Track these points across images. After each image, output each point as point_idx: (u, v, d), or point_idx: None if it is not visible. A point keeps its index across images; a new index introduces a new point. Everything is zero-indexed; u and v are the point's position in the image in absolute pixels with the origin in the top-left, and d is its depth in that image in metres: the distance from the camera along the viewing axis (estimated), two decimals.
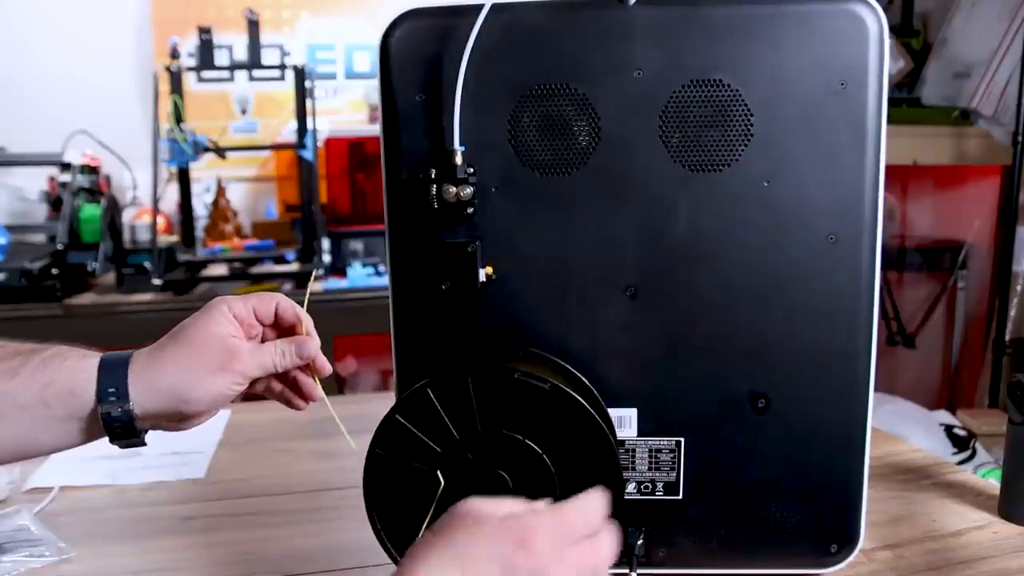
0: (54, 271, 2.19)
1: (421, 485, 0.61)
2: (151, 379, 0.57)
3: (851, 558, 0.71)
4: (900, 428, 1.92)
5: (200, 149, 2.27)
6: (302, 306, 0.65)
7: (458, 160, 0.66)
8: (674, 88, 0.66)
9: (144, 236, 2.53)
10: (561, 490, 0.61)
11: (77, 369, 0.57)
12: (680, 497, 0.71)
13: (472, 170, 0.67)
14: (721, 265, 0.67)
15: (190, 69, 2.40)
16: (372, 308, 2.21)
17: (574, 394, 0.61)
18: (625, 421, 0.70)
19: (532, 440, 0.61)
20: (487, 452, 0.61)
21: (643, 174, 0.67)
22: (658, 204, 0.67)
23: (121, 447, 0.60)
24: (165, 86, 2.28)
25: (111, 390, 0.56)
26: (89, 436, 0.58)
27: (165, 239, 2.49)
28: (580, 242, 0.68)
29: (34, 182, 2.54)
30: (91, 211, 2.29)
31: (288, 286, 2.35)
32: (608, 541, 0.48)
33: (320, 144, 2.46)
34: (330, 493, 0.94)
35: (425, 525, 0.62)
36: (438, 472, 0.61)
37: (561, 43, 0.66)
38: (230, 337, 0.60)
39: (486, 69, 0.66)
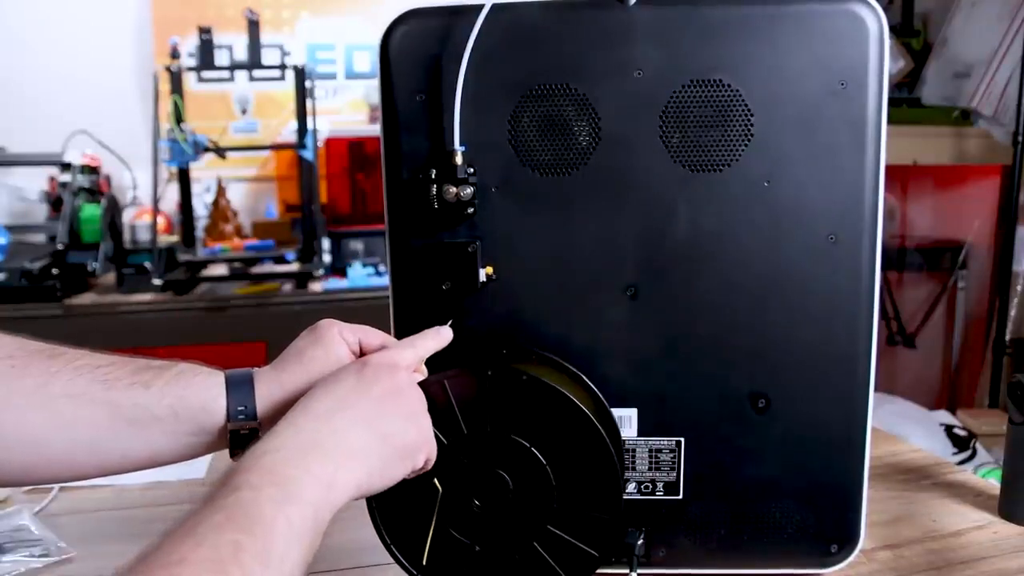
0: (54, 271, 2.19)
1: (423, 483, 0.61)
2: (277, 399, 0.58)
3: (851, 558, 0.71)
4: (900, 428, 1.92)
5: (200, 149, 2.27)
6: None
7: (458, 160, 0.66)
8: (674, 88, 0.66)
9: (144, 236, 2.53)
10: (556, 480, 0.61)
11: (207, 386, 0.58)
12: (680, 497, 0.71)
13: (472, 170, 0.67)
14: (721, 265, 0.67)
15: (190, 69, 2.40)
16: (372, 308, 2.21)
17: (574, 399, 0.61)
18: (625, 421, 0.70)
19: (522, 436, 0.61)
20: (482, 452, 0.61)
21: (643, 174, 0.67)
22: (658, 204, 0.67)
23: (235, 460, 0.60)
24: (165, 86, 2.28)
25: (240, 408, 0.57)
26: (208, 450, 0.59)
27: (165, 239, 2.49)
28: (580, 242, 0.68)
29: (34, 182, 2.54)
30: (91, 211, 2.29)
31: (288, 286, 2.35)
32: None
33: (320, 144, 2.46)
34: None
35: (432, 531, 0.62)
36: (435, 480, 0.61)
37: (561, 43, 0.66)
38: (346, 360, 0.61)
39: (486, 69, 0.66)
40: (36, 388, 0.53)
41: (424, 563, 0.63)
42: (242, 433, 0.57)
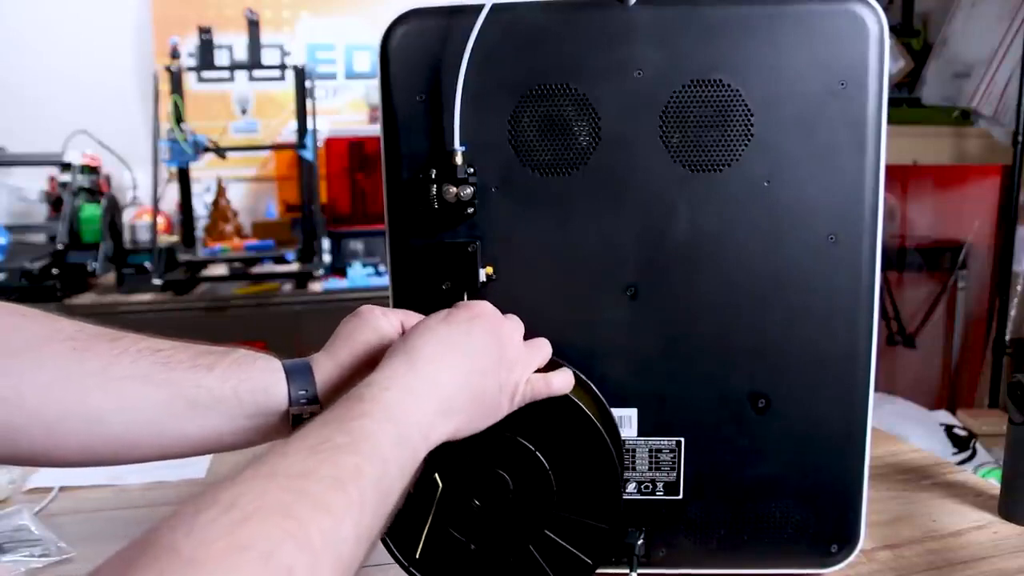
0: (54, 271, 2.19)
1: (422, 490, 0.61)
2: (335, 383, 0.59)
3: (851, 558, 0.71)
4: (900, 428, 1.92)
5: (200, 149, 2.27)
6: None
7: (458, 160, 0.66)
8: (674, 88, 0.66)
9: (144, 236, 2.53)
10: (557, 484, 0.61)
11: (267, 370, 0.58)
12: (680, 497, 0.71)
13: (472, 170, 0.67)
14: (721, 265, 0.67)
15: (190, 69, 2.40)
16: None
17: (581, 405, 0.61)
18: (625, 421, 0.70)
19: (525, 437, 0.61)
20: (483, 451, 0.61)
21: (643, 174, 0.67)
22: (658, 204, 0.67)
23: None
24: (165, 86, 2.28)
25: (302, 392, 0.58)
26: (267, 436, 0.59)
27: (165, 239, 2.49)
28: (580, 242, 0.68)
29: (34, 182, 2.54)
30: (91, 211, 2.29)
31: (288, 286, 2.35)
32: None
33: (320, 144, 2.46)
34: None
35: (427, 528, 0.62)
36: (436, 475, 0.61)
37: (561, 43, 0.66)
38: (394, 338, 0.62)
39: (486, 69, 0.66)
40: (99, 369, 0.54)
41: (417, 557, 0.62)
42: (304, 418, 0.57)
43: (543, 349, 0.64)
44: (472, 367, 0.56)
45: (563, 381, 0.62)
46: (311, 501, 0.40)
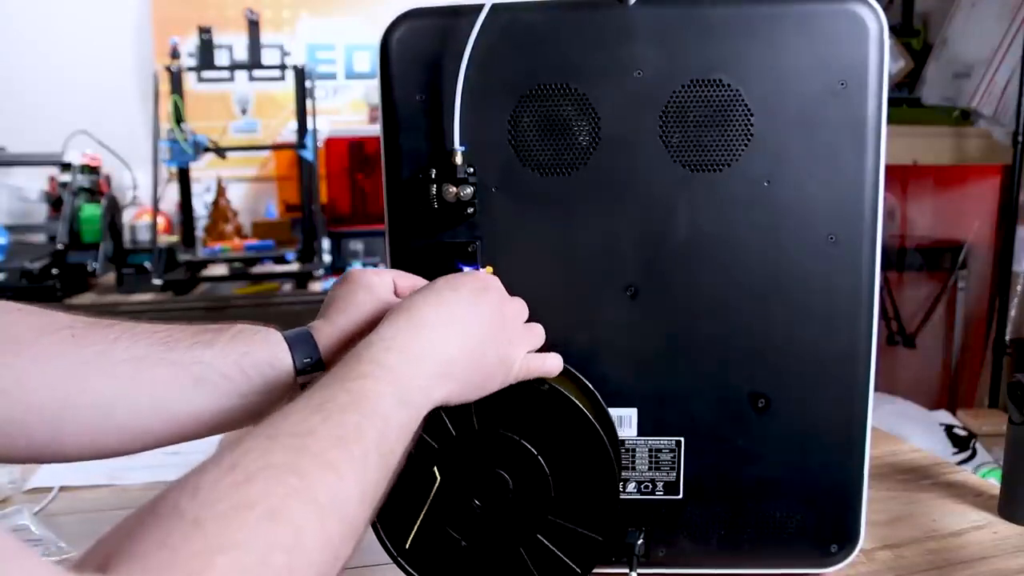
0: (54, 271, 2.18)
1: (419, 482, 0.61)
2: (337, 346, 0.59)
3: (851, 558, 0.71)
4: (900, 428, 1.92)
5: (200, 149, 2.27)
6: None
7: (458, 160, 0.66)
8: (674, 88, 0.66)
9: (144, 236, 2.53)
10: (555, 489, 0.61)
11: (269, 342, 0.58)
12: (680, 497, 0.71)
13: (472, 170, 0.67)
14: (721, 265, 0.67)
15: (190, 69, 2.40)
16: None
17: (570, 396, 0.61)
18: (625, 421, 0.70)
19: (528, 440, 0.61)
20: (484, 450, 0.61)
21: (643, 174, 0.67)
22: (658, 204, 0.67)
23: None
24: (165, 86, 2.28)
25: (307, 360, 0.58)
26: (276, 408, 0.59)
27: (165, 239, 2.49)
28: (580, 242, 0.68)
29: (34, 182, 2.54)
30: (91, 211, 2.29)
31: (288, 286, 2.35)
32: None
33: (320, 144, 2.46)
34: None
35: (419, 521, 0.62)
36: (435, 468, 0.61)
37: (561, 43, 0.66)
38: (389, 298, 0.62)
39: (486, 69, 0.66)
40: (98, 355, 0.54)
41: (407, 547, 0.62)
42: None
43: (539, 333, 0.65)
44: (474, 335, 0.56)
45: (556, 362, 0.64)
46: (314, 459, 0.40)
